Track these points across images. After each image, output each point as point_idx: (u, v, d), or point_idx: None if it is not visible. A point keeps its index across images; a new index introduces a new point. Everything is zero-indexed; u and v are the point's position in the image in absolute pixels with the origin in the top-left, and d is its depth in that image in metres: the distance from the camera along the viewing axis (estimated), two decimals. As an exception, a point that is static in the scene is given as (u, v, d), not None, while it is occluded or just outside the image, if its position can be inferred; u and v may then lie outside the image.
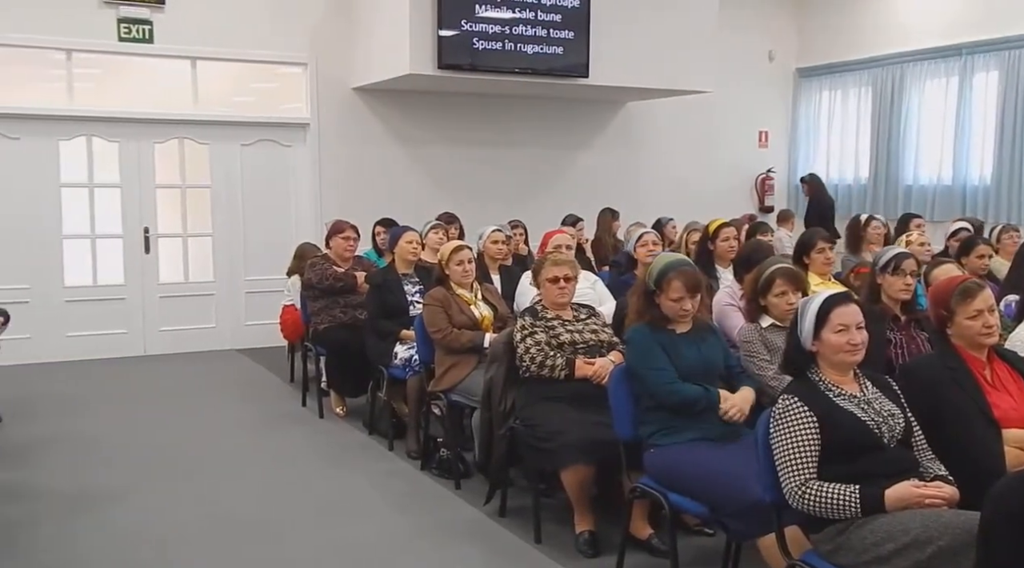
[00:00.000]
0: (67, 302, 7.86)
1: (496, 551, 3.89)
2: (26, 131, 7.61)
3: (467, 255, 4.99)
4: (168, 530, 4.11)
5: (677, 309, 3.55)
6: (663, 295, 3.55)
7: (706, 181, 10.30)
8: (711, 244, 5.55)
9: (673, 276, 3.53)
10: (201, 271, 8.43)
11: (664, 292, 3.55)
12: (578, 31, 8.15)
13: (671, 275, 3.54)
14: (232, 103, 8.58)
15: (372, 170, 8.75)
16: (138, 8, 7.72)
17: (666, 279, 3.54)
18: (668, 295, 3.54)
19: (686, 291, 3.53)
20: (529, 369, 4.00)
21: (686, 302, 3.54)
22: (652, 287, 3.59)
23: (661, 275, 3.56)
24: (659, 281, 3.56)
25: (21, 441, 5.38)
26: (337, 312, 5.99)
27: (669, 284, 3.53)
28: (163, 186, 8.23)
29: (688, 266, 3.67)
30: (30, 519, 4.17)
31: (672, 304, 3.55)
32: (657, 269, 3.59)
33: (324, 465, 5.09)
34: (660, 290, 3.56)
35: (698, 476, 3.22)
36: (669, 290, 3.53)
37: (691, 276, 3.57)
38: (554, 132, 9.63)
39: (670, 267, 3.57)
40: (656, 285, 3.57)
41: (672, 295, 3.53)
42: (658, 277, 3.57)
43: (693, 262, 3.94)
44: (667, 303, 3.56)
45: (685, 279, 3.54)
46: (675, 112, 9.95)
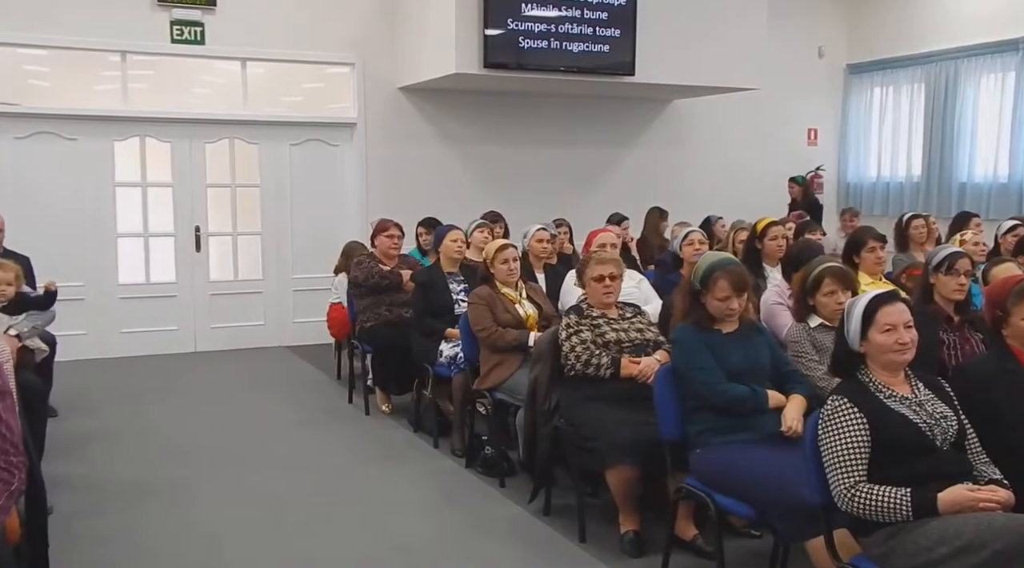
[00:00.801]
0: (121, 299, 8.03)
1: (540, 550, 3.90)
2: (83, 132, 7.79)
3: (512, 254, 5.00)
4: (219, 524, 4.18)
5: (723, 309, 3.51)
6: (709, 295, 3.52)
7: (754, 179, 10.18)
8: (759, 243, 5.48)
9: (719, 275, 3.50)
10: (250, 269, 8.56)
11: (710, 292, 3.51)
12: (624, 29, 8.11)
13: (717, 274, 3.50)
14: (281, 103, 8.70)
15: (418, 169, 8.80)
16: (190, 10, 7.86)
17: (712, 278, 3.50)
18: (714, 295, 3.50)
19: (732, 290, 3.49)
20: (574, 368, 3.99)
21: (732, 302, 3.50)
22: (698, 286, 3.55)
23: (707, 274, 3.52)
24: (705, 280, 3.52)
25: (77, 435, 5.50)
26: (383, 310, 6.03)
27: (715, 283, 3.49)
28: (213, 185, 8.37)
29: (734, 265, 3.63)
30: (85, 512, 4.27)
31: (718, 304, 3.51)
32: (703, 268, 3.56)
33: (370, 462, 5.14)
34: (706, 290, 3.52)
35: (745, 477, 3.19)
36: (715, 290, 3.50)
37: (737, 275, 3.53)
38: (599, 130, 9.60)
39: (716, 266, 3.54)
40: (702, 284, 3.53)
41: (718, 295, 3.49)
42: (704, 276, 3.53)
43: (740, 261, 3.90)
44: (713, 303, 3.52)
45: (731, 278, 3.50)
46: (722, 109, 9.86)
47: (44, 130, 7.66)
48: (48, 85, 8.05)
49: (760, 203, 8.80)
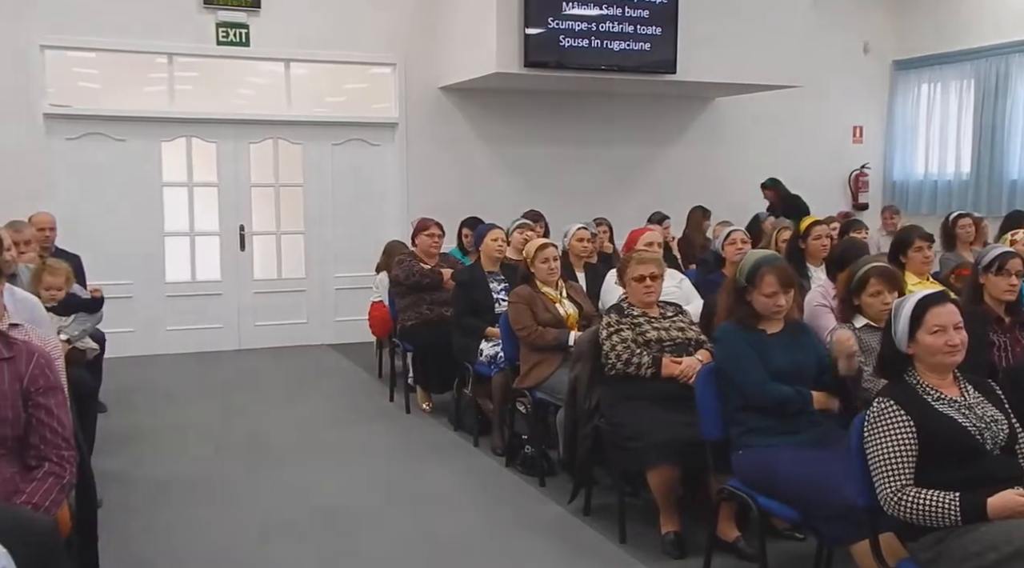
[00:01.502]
0: (168, 297, 8.17)
1: (580, 549, 3.89)
2: (131, 133, 7.94)
3: (552, 253, 4.99)
4: (262, 520, 4.23)
5: (770, 305, 3.47)
6: (755, 291, 3.47)
7: (798, 178, 10.01)
8: (802, 242, 5.42)
9: (766, 270, 3.45)
10: (293, 268, 8.66)
11: (756, 288, 3.46)
12: (666, 26, 8.06)
13: (764, 269, 3.45)
14: (323, 103, 8.79)
15: (458, 168, 8.83)
16: (235, 12, 7.97)
17: (759, 274, 3.46)
18: (761, 290, 3.45)
19: (780, 286, 3.44)
20: (615, 367, 3.97)
21: (779, 297, 3.45)
22: (743, 283, 3.51)
23: (753, 270, 3.48)
24: (751, 276, 3.48)
25: (125, 430, 5.61)
26: (424, 309, 6.07)
27: (762, 279, 3.45)
28: (258, 185, 8.48)
29: (781, 261, 3.59)
30: (133, 506, 4.35)
31: (765, 300, 3.46)
32: (749, 264, 3.52)
33: (411, 460, 5.17)
34: (752, 286, 3.47)
35: (789, 479, 3.15)
36: (762, 285, 3.45)
37: (784, 271, 3.49)
38: (640, 129, 9.55)
39: (763, 262, 3.50)
40: (748, 281, 3.49)
41: (765, 290, 3.45)
42: (750, 272, 3.49)
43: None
44: (760, 299, 3.47)
45: (778, 273, 3.45)
46: (765, 107, 9.76)
47: (94, 131, 7.82)
48: (98, 87, 8.22)
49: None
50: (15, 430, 2.56)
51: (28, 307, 3.67)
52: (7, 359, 2.60)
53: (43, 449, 2.60)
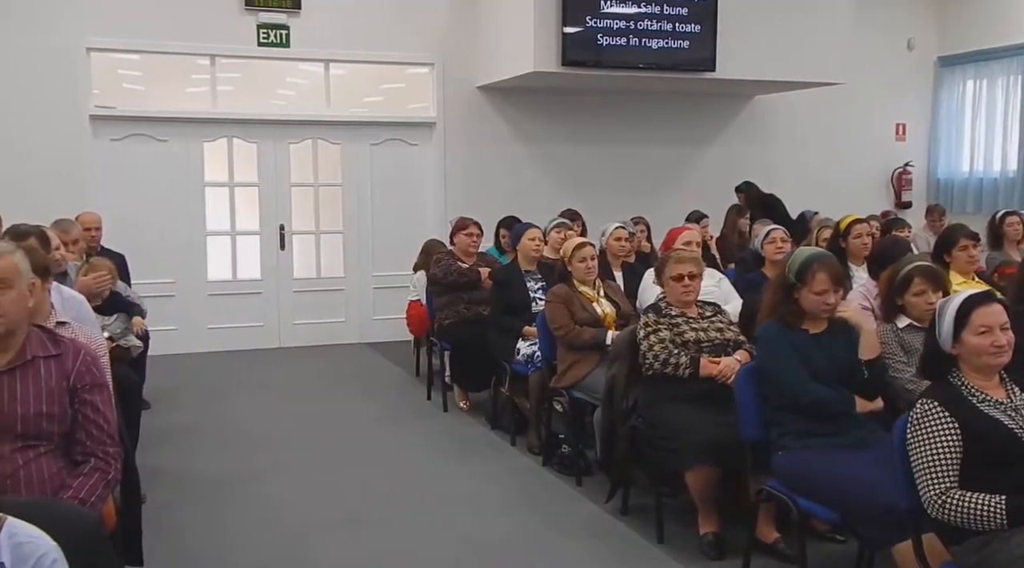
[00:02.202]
0: (209, 296, 8.28)
1: (618, 549, 3.88)
2: (174, 134, 8.07)
3: (590, 252, 4.98)
4: (302, 517, 4.28)
5: (819, 303, 3.41)
6: (805, 288, 3.41)
7: (839, 176, 9.94)
8: (843, 241, 5.36)
9: (818, 268, 3.40)
10: (332, 267, 8.73)
11: (807, 285, 3.40)
12: (705, 24, 8.01)
13: (816, 266, 3.40)
14: (362, 103, 8.85)
15: (496, 167, 8.85)
16: (276, 14, 8.06)
17: (810, 271, 3.40)
18: (812, 288, 3.39)
19: (831, 284, 3.39)
20: (652, 367, 3.95)
21: (830, 296, 3.40)
22: (793, 280, 3.44)
23: (804, 267, 3.42)
24: (802, 273, 3.42)
25: (167, 427, 5.69)
26: (461, 308, 6.09)
27: (813, 276, 3.39)
28: (297, 185, 8.57)
29: (832, 259, 3.54)
30: (176, 501, 4.42)
31: (815, 298, 3.40)
32: (800, 261, 3.46)
33: (448, 458, 5.19)
34: (802, 283, 3.41)
35: (829, 481, 3.11)
36: (813, 283, 3.39)
37: (836, 269, 3.44)
38: (679, 127, 9.49)
39: (815, 259, 3.45)
40: (798, 278, 3.43)
41: (816, 288, 3.39)
42: (801, 269, 3.43)
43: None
44: (810, 297, 3.41)
45: (831, 271, 3.40)
46: (806, 105, 9.64)
47: (138, 132, 7.95)
48: (142, 89, 8.36)
49: (846, 200, 8.58)
50: (62, 426, 2.61)
51: (75, 305, 3.74)
52: (54, 356, 2.65)
53: (89, 445, 2.65)
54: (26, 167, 7.40)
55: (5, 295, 2.54)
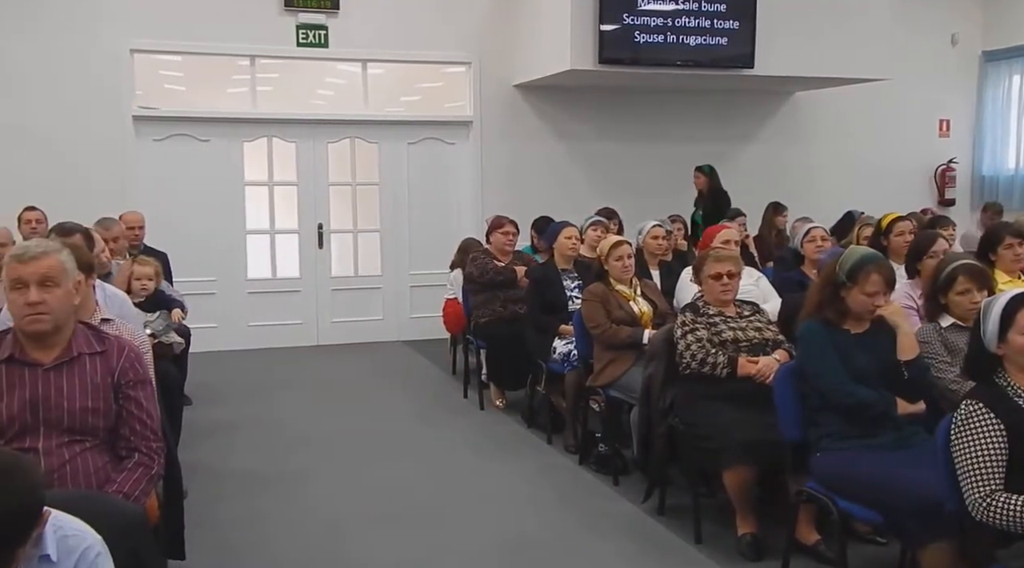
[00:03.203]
0: (249, 294, 8.38)
1: (655, 549, 3.86)
2: (215, 134, 8.17)
3: (626, 250, 4.96)
4: (339, 512, 4.32)
5: (869, 304, 3.35)
6: (856, 288, 3.35)
7: (881, 173, 9.80)
8: (884, 239, 5.27)
9: (872, 269, 3.34)
10: (370, 265, 8.79)
11: (859, 285, 3.34)
12: (743, 20, 7.94)
13: (871, 268, 3.34)
14: (399, 103, 8.90)
15: (533, 166, 8.84)
16: (315, 14, 8.13)
17: (864, 271, 3.33)
18: (864, 288, 3.33)
19: (884, 286, 3.34)
20: (689, 366, 3.93)
21: (879, 298, 3.34)
22: (843, 279, 3.39)
23: (858, 267, 3.36)
24: (854, 273, 3.35)
25: (208, 423, 5.77)
26: (497, 306, 6.10)
27: (867, 277, 3.33)
28: (335, 184, 8.64)
29: (885, 260, 3.49)
30: (217, 496, 4.48)
31: (865, 299, 3.35)
32: (852, 260, 3.40)
33: (484, 456, 5.20)
34: (853, 283, 3.35)
35: (871, 481, 3.06)
36: (866, 283, 3.33)
37: (890, 271, 3.39)
38: (717, 125, 9.42)
39: (869, 259, 3.39)
40: (849, 277, 3.37)
41: (868, 289, 3.33)
42: (854, 268, 3.36)
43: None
44: (859, 297, 3.35)
45: (885, 273, 3.35)
46: (847, 101, 9.52)
47: (180, 132, 8.07)
48: (183, 90, 8.48)
49: (886, 198, 8.46)
50: (107, 422, 2.66)
51: (118, 303, 3.81)
52: (99, 353, 2.70)
53: (133, 440, 2.69)
54: (71, 166, 7.54)
55: (51, 293, 2.59)
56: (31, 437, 2.55)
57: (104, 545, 2.04)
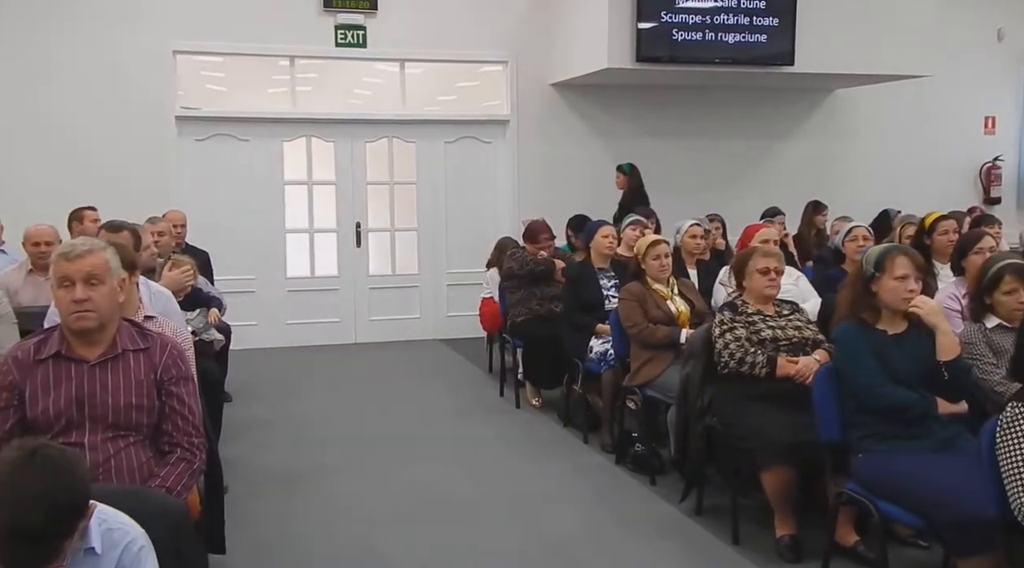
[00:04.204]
0: (288, 292, 8.47)
1: (692, 549, 3.84)
2: (255, 133, 8.27)
3: (664, 249, 4.94)
4: (375, 509, 4.35)
5: (901, 290, 3.28)
6: (886, 275, 3.29)
7: (925, 171, 9.63)
8: (927, 238, 5.19)
9: (896, 253, 3.30)
10: (407, 264, 8.84)
11: (887, 272, 3.29)
12: (783, 17, 7.85)
13: (894, 252, 3.31)
14: (436, 102, 8.93)
15: (569, 165, 8.83)
16: (353, 14, 8.19)
17: (889, 256, 3.30)
18: (892, 273, 3.27)
19: (912, 268, 3.28)
20: (728, 366, 3.90)
21: (911, 281, 3.28)
22: (871, 272, 3.34)
23: (883, 254, 3.32)
24: (880, 261, 3.31)
25: (248, 420, 5.84)
26: (534, 305, 6.10)
27: (893, 261, 3.28)
28: (373, 183, 8.69)
29: (910, 247, 3.44)
30: (256, 491, 4.53)
31: (896, 284, 3.28)
32: (876, 252, 3.37)
33: (520, 455, 5.21)
34: (881, 272, 3.30)
35: (912, 486, 3.01)
36: (894, 267, 3.27)
37: (917, 255, 3.34)
38: (755, 122, 9.33)
39: (891, 248, 3.36)
40: (877, 267, 3.32)
41: (897, 272, 3.27)
42: (879, 257, 3.32)
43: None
44: (890, 284, 3.29)
45: (911, 256, 3.30)
46: (889, 98, 9.38)
47: (221, 132, 8.18)
48: (224, 90, 8.59)
49: (930, 197, 8.33)
50: (150, 418, 2.70)
51: (162, 300, 3.87)
52: (143, 350, 2.74)
53: (175, 436, 2.73)
54: (115, 166, 7.66)
55: (97, 290, 2.63)
56: (77, 432, 2.60)
57: (147, 539, 2.08)
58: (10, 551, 1.81)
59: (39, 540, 1.82)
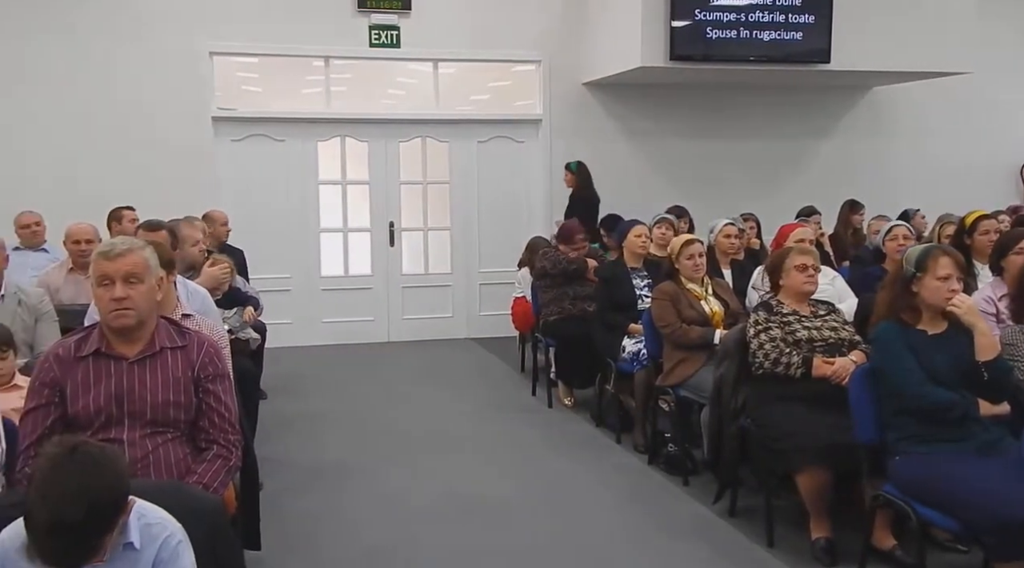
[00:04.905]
0: (323, 291, 8.53)
1: (725, 551, 3.81)
2: (290, 134, 8.34)
3: (698, 249, 4.91)
4: (407, 506, 4.37)
5: (943, 291, 3.23)
6: (927, 275, 3.25)
7: (964, 170, 9.48)
8: (968, 238, 5.10)
9: (939, 252, 3.26)
10: (440, 263, 8.87)
11: (929, 272, 3.25)
12: (819, 14, 7.77)
13: (936, 252, 3.27)
14: (470, 102, 8.95)
15: (602, 164, 8.77)
16: (387, 15, 8.23)
17: (931, 256, 3.25)
18: (934, 273, 3.24)
19: (955, 269, 3.24)
20: (762, 366, 3.87)
21: (953, 281, 3.24)
22: (911, 272, 3.30)
23: (924, 254, 3.28)
24: (922, 261, 3.27)
25: (283, 417, 5.90)
26: (566, 304, 6.09)
27: (935, 261, 3.24)
28: (407, 182, 8.73)
29: (952, 248, 3.39)
30: (291, 488, 4.57)
31: (938, 285, 3.24)
32: (917, 251, 3.32)
33: (552, 454, 5.20)
34: (923, 272, 3.26)
35: (952, 489, 2.97)
36: (936, 268, 3.23)
37: (959, 255, 3.29)
38: (790, 121, 9.24)
39: (934, 246, 3.32)
40: (918, 267, 3.28)
41: (940, 272, 3.23)
42: (921, 257, 3.28)
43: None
44: (932, 284, 3.25)
45: (953, 256, 3.25)
46: (928, 95, 9.24)
47: (256, 133, 8.26)
48: (260, 91, 8.67)
49: (970, 195, 8.19)
50: (187, 415, 2.74)
51: (199, 298, 3.92)
52: (180, 347, 2.78)
53: (212, 433, 2.77)
54: (154, 167, 7.76)
55: (135, 289, 2.67)
56: (116, 428, 2.64)
57: (184, 534, 2.11)
58: (51, 547, 1.85)
59: (80, 536, 1.85)
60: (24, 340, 4.01)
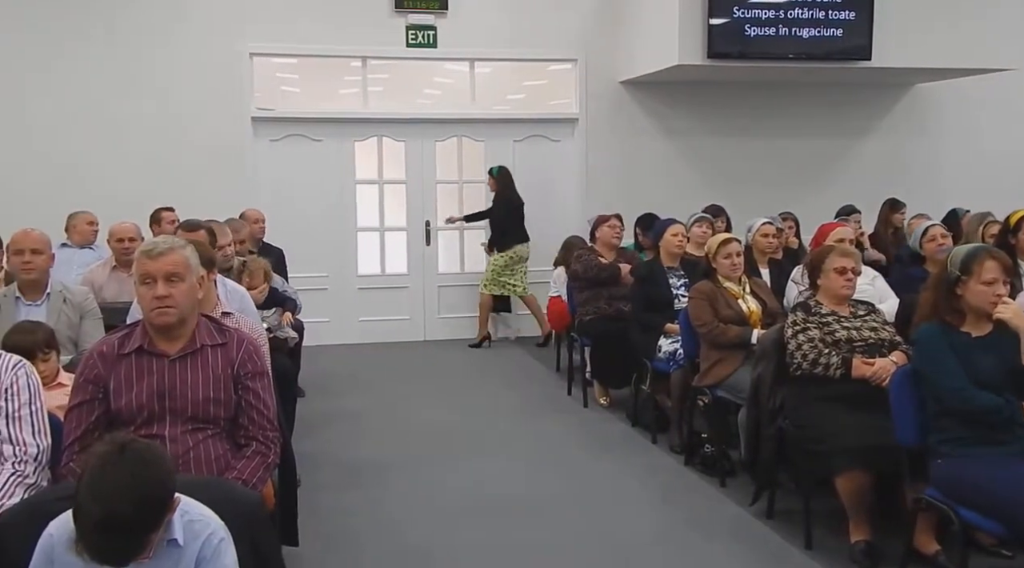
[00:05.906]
0: (359, 289, 8.59)
1: (763, 553, 3.78)
2: (327, 133, 8.41)
3: (735, 248, 4.87)
4: (441, 504, 4.39)
5: (989, 295, 3.18)
6: (972, 279, 3.20)
7: (1008, 169, 9.28)
8: (1012, 237, 5.01)
9: (986, 256, 3.20)
10: (475, 262, 8.87)
11: (974, 275, 3.19)
12: (860, 10, 7.66)
13: (983, 254, 3.20)
14: (505, 101, 8.95)
15: (638, 162, 8.77)
16: (424, 15, 8.27)
17: (977, 260, 3.19)
18: (980, 277, 3.18)
19: (1001, 272, 3.18)
20: (801, 367, 3.83)
21: (999, 286, 3.18)
22: (956, 274, 3.24)
23: (970, 257, 3.22)
24: (967, 264, 3.21)
25: (320, 415, 5.95)
26: (602, 304, 6.08)
27: (981, 264, 3.18)
28: (443, 182, 8.76)
29: (997, 249, 3.33)
30: (328, 485, 4.61)
31: (984, 289, 3.19)
32: (963, 253, 3.26)
33: (588, 454, 5.20)
34: (968, 275, 3.21)
35: (996, 491, 2.92)
36: (981, 271, 3.18)
37: (1006, 257, 3.23)
38: (830, 119, 9.13)
39: (980, 248, 3.26)
40: (963, 270, 3.22)
41: (985, 276, 3.18)
42: (966, 260, 3.22)
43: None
44: (977, 288, 3.20)
45: (1000, 259, 3.19)
46: (971, 92, 9.06)
47: (294, 133, 8.33)
48: (298, 91, 8.76)
49: (1014, 194, 8.02)
50: (228, 412, 2.77)
51: (238, 297, 3.97)
52: (220, 345, 2.81)
53: (251, 430, 2.80)
54: (194, 167, 7.88)
55: (177, 287, 2.71)
56: (158, 425, 2.68)
57: (227, 531, 2.13)
58: (100, 543, 1.88)
59: (128, 533, 1.89)
60: (69, 337, 4.09)
